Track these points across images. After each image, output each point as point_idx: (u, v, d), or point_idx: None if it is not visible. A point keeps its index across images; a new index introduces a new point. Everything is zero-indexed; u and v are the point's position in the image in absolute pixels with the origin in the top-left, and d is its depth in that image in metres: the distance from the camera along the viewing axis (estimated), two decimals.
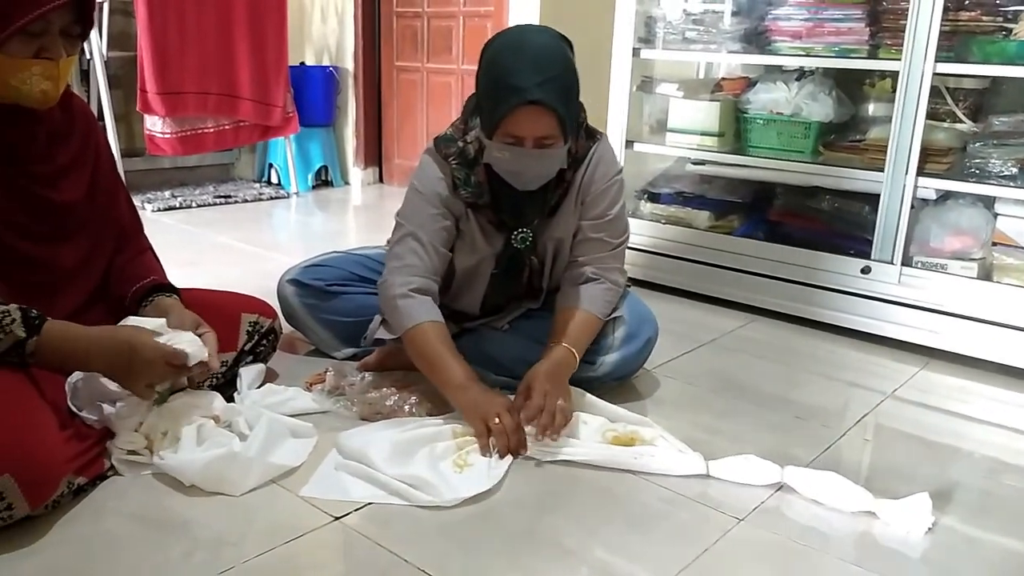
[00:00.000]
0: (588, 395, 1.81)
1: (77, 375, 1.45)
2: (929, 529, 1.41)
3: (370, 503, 1.42)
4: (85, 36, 1.46)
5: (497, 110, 1.62)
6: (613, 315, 1.87)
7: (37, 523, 1.29)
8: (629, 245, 1.94)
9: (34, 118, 1.45)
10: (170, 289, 1.68)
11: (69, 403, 1.43)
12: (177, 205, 3.98)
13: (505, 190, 1.74)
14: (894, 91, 2.31)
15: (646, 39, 2.82)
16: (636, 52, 2.78)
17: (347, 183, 4.79)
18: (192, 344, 1.48)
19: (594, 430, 1.68)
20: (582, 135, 1.81)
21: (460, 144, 1.77)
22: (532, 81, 1.57)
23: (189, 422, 1.50)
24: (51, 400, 1.38)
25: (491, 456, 1.56)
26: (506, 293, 1.94)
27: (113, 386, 1.47)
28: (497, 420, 1.57)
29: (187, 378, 1.54)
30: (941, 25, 2.17)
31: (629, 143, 2.83)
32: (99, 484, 1.43)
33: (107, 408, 1.49)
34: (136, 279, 1.65)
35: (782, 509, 1.47)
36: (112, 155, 1.67)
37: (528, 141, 1.64)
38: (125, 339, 1.42)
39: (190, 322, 1.56)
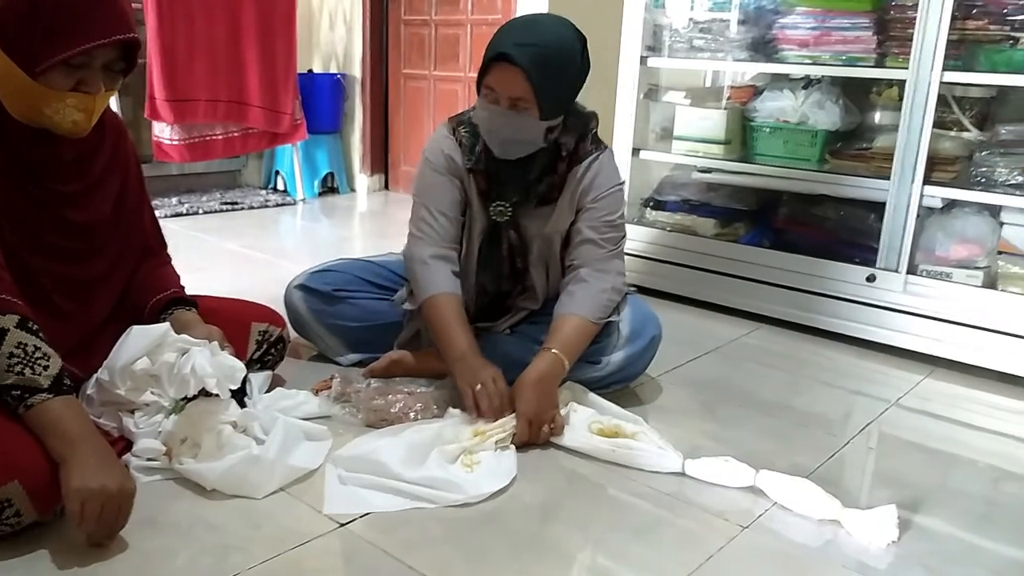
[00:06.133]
0: (589, 392, 1.84)
1: (91, 384, 1.46)
2: (894, 541, 1.40)
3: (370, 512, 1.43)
4: (128, 72, 1.45)
5: (481, 67, 1.72)
6: (615, 316, 1.88)
7: (44, 529, 1.29)
8: (634, 252, 1.95)
9: (60, 139, 1.43)
10: (189, 303, 1.68)
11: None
12: (184, 211, 3.99)
13: (492, 160, 1.82)
14: (901, 99, 2.31)
15: (653, 47, 2.83)
16: (643, 60, 2.78)
17: (353, 190, 4.80)
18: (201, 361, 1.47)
19: (582, 420, 1.72)
20: (589, 139, 1.85)
21: (472, 115, 1.87)
22: (511, 41, 1.67)
23: (208, 428, 1.50)
24: None
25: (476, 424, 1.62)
26: (492, 271, 1.95)
27: (129, 395, 1.48)
28: (480, 386, 1.67)
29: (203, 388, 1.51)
30: (948, 34, 2.18)
31: (635, 151, 2.84)
32: None
33: (124, 417, 1.49)
34: (156, 291, 1.65)
35: (787, 518, 1.47)
36: (140, 168, 1.66)
37: (503, 100, 1.71)
38: (118, 485, 1.25)
39: (215, 336, 1.56)
